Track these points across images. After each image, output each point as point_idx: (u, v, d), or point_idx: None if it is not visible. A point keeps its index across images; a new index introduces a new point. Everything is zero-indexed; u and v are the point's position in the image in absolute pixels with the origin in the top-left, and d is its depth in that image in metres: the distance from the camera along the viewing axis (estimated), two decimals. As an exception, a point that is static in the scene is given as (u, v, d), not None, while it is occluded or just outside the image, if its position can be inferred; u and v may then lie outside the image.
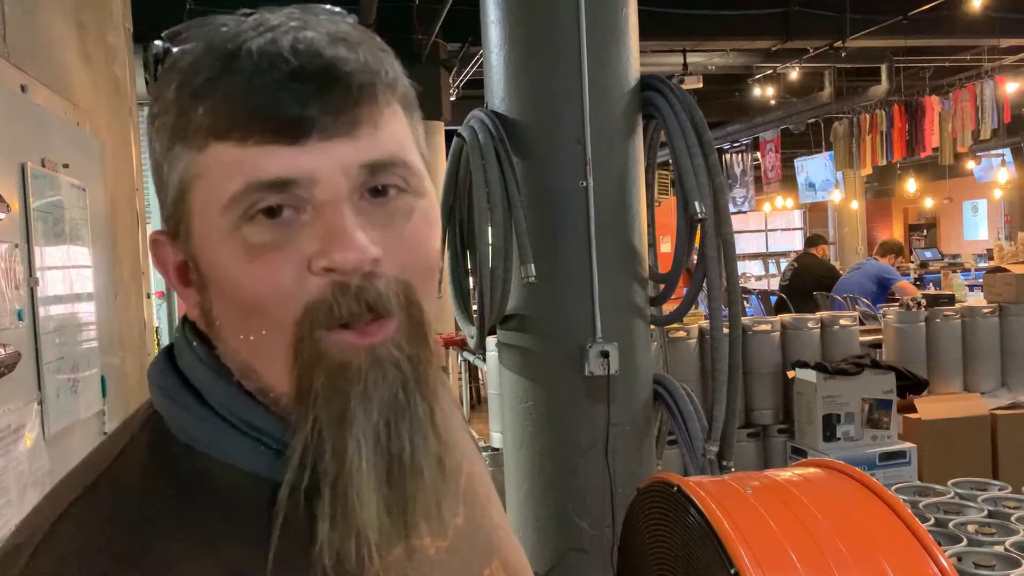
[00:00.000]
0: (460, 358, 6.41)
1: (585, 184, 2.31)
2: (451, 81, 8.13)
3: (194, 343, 0.59)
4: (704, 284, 2.38)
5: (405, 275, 0.54)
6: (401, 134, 0.57)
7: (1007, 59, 9.53)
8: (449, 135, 3.91)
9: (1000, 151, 13.40)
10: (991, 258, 10.17)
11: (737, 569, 1.29)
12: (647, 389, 2.55)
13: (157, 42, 0.56)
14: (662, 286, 2.67)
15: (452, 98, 8.19)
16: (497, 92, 2.46)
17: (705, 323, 3.98)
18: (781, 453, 4.01)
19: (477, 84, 7.97)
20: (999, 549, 2.26)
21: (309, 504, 0.54)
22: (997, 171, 13.86)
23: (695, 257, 2.47)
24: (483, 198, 2.37)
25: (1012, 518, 2.50)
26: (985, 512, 2.57)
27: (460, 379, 6.81)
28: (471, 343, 2.73)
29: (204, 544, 0.53)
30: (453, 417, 0.66)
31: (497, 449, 3.73)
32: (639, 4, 2.51)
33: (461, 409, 0.64)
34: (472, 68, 7.96)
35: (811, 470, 1.57)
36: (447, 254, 2.76)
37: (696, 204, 2.26)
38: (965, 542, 2.32)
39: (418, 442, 0.54)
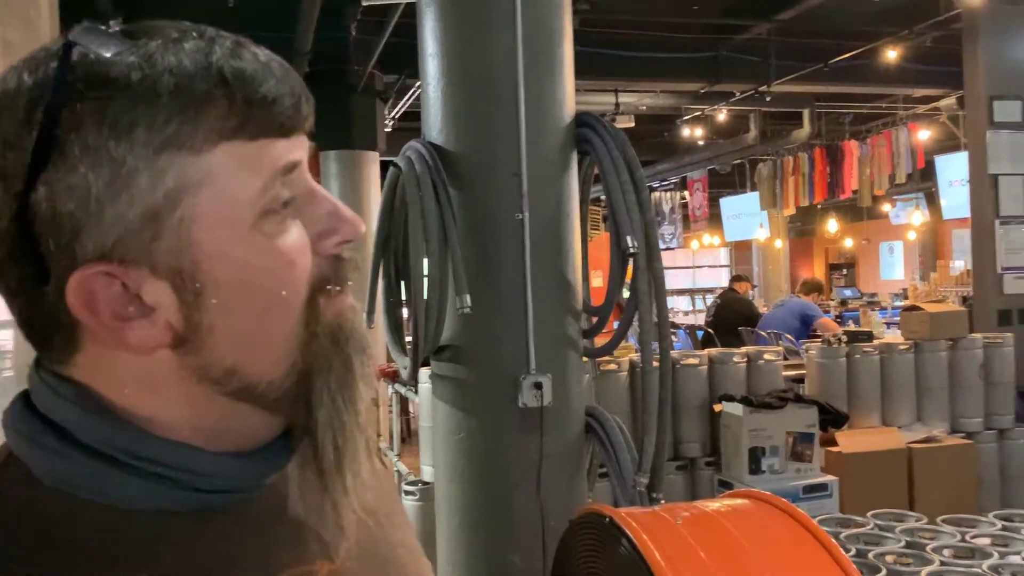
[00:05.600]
0: (391, 390, 6.34)
1: (521, 217, 2.33)
2: (386, 112, 8.14)
3: (57, 383, 0.55)
4: (635, 317, 2.42)
5: None
6: None
7: (919, 108, 10.03)
8: (384, 165, 3.91)
9: (914, 195, 14.06)
10: (906, 297, 10.60)
11: (668, 599, 1.30)
12: (579, 421, 2.56)
13: (105, 53, 0.51)
14: (594, 319, 2.70)
15: (387, 129, 8.19)
16: (434, 124, 2.47)
17: (635, 356, 4.04)
18: (708, 485, 4.07)
19: (413, 116, 8.00)
20: (916, 578, 2.34)
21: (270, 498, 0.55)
22: (911, 214, 14.52)
23: (627, 291, 2.51)
24: (419, 229, 2.37)
25: (928, 548, 2.59)
26: (903, 543, 2.65)
27: (391, 412, 6.72)
28: (404, 374, 2.71)
29: None
30: None
31: (428, 483, 3.68)
32: (574, 44, 2.56)
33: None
34: (408, 100, 7.99)
35: (740, 501, 1.60)
36: (381, 284, 2.75)
37: (628, 239, 2.30)
38: (884, 572, 2.39)
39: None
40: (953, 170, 10.25)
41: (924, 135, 9.97)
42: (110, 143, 0.49)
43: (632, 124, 8.83)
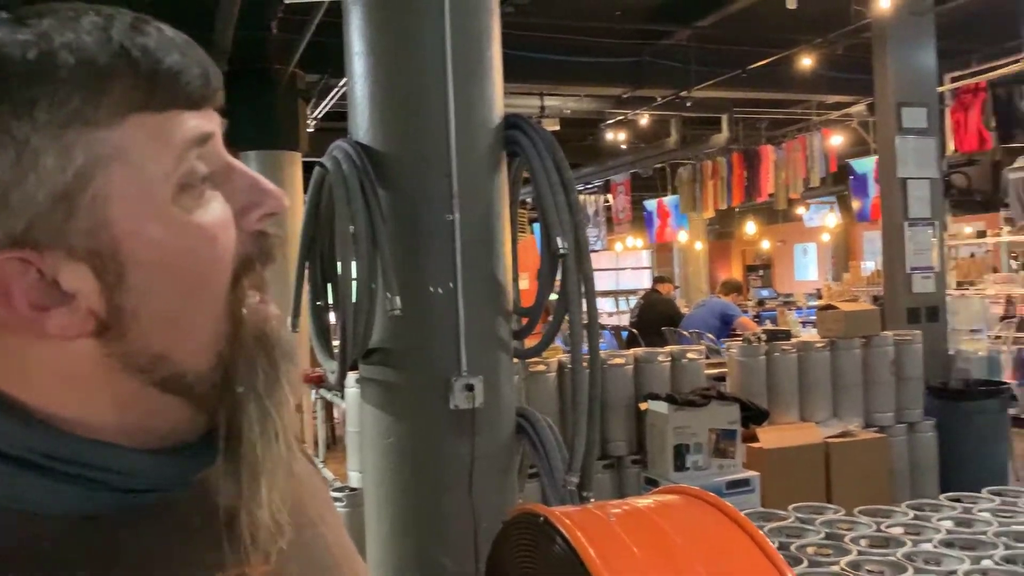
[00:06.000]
0: (316, 396, 6.23)
1: (451, 218, 2.32)
2: (309, 112, 8.00)
3: None
4: (566, 318, 2.43)
5: None
6: None
7: (832, 114, 10.41)
8: (307, 167, 3.84)
9: (827, 198, 14.58)
10: (820, 297, 10.97)
11: (603, 597, 1.31)
12: (511, 422, 2.56)
13: None
14: (524, 320, 2.71)
15: (310, 129, 8.06)
16: (361, 124, 2.44)
17: (564, 357, 4.07)
18: (635, 483, 4.13)
19: (337, 116, 7.89)
20: (835, 568, 2.42)
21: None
22: (825, 216, 15.05)
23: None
24: (347, 230, 2.33)
25: (846, 539, 2.68)
26: (822, 534, 2.74)
27: (315, 418, 6.61)
28: (331, 379, 2.66)
29: None
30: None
31: (356, 489, 3.63)
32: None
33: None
34: (332, 100, 7.87)
35: (670, 497, 1.62)
36: (307, 287, 2.70)
37: (558, 240, 2.31)
38: (806, 563, 2.47)
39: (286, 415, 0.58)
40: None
41: (837, 140, 10.36)
42: (11, 123, 0.48)
43: (557, 127, 8.90)
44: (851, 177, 10.95)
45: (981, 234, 8.65)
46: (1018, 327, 7.81)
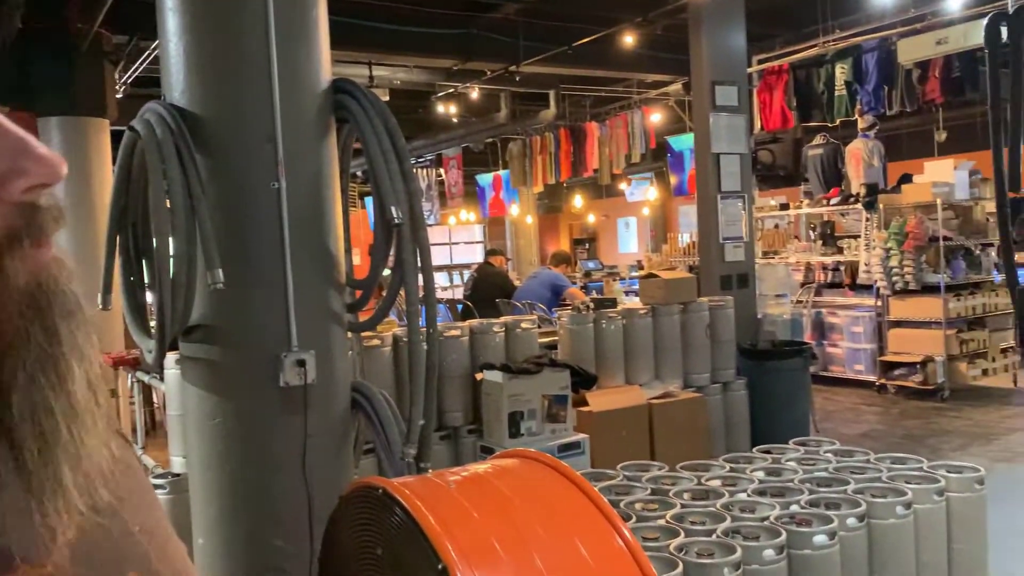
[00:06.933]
0: (132, 379, 5.83)
1: (277, 185, 2.21)
2: (118, 76, 7.40)
3: None
4: (402, 288, 2.39)
5: None
6: None
7: (652, 92, 10.87)
8: (117, 135, 3.55)
9: (647, 174, 15.25)
10: (641, 267, 11.49)
11: (444, 564, 1.30)
12: (345, 397, 2.50)
13: None
14: (358, 293, 2.65)
15: (119, 95, 7.46)
16: (176, 84, 2.28)
17: (399, 330, 4.03)
18: (471, 452, 4.17)
19: (150, 82, 7.35)
20: (661, 522, 2.55)
21: None
22: (646, 191, 15.76)
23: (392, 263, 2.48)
24: (162, 199, 2.18)
25: (670, 493, 2.83)
26: (649, 490, 2.88)
27: (133, 403, 6.19)
28: (149, 359, 2.49)
29: None
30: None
31: (179, 474, 3.43)
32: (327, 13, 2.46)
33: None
34: (143, 63, 7.32)
35: (508, 460, 1.64)
36: (119, 261, 2.50)
37: (393, 209, 2.27)
38: (635, 519, 2.59)
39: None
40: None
41: (656, 118, 10.84)
42: None
43: (387, 98, 8.74)
44: (668, 154, 11.52)
45: (784, 207, 9.35)
46: (816, 292, 8.55)
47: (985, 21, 4.85)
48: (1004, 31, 4.71)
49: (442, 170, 14.16)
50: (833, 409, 7.15)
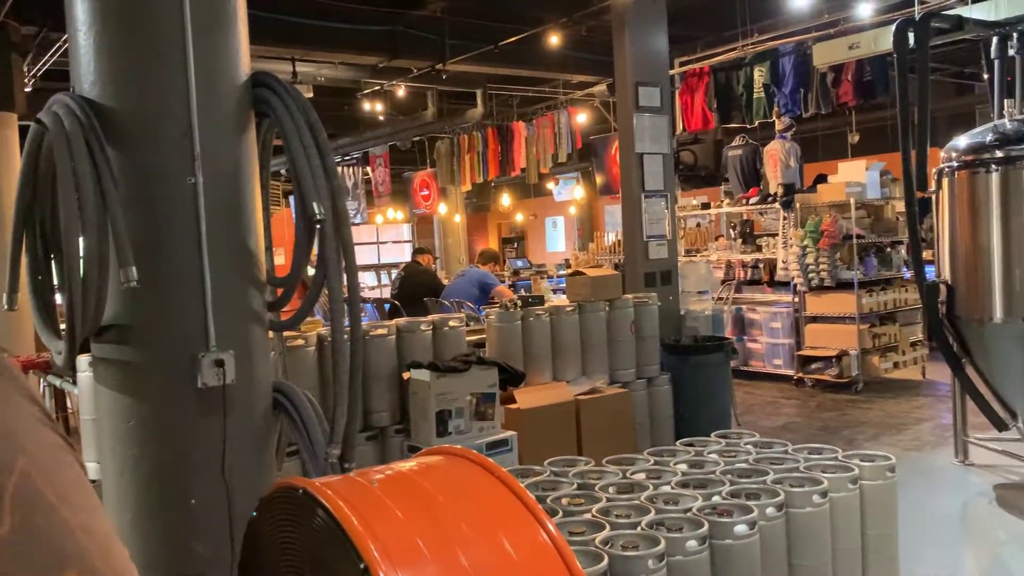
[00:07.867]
0: (43, 384, 5.60)
1: (194, 181, 2.15)
2: (26, 69, 7.09)
3: None
4: (324, 286, 2.35)
5: None
6: None
7: (577, 93, 10.97)
8: (25, 130, 3.40)
9: (573, 174, 15.39)
10: (569, 266, 11.60)
11: (366, 563, 1.28)
12: (266, 398, 2.45)
13: None
14: (280, 291, 2.59)
15: (28, 88, 7.15)
16: (87, 75, 2.19)
17: (323, 330, 3.97)
18: (398, 453, 4.14)
19: (61, 75, 7.06)
20: (587, 516, 2.57)
21: None
22: (572, 191, 15.90)
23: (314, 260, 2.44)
24: (72, 195, 2.09)
25: (596, 488, 2.86)
26: (575, 485, 2.91)
27: (43, 408, 5.93)
28: (59, 361, 2.39)
29: None
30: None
31: (95, 480, 3.31)
32: (247, 7, 2.40)
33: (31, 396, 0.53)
34: (53, 56, 7.02)
35: (433, 458, 1.63)
36: (25, 260, 2.39)
37: (315, 205, 2.22)
38: (561, 514, 2.60)
39: None
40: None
41: (582, 118, 10.95)
42: None
43: (311, 95, 8.60)
44: (592, 156, 11.66)
45: (705, 206, 9.56)
46: (736, 288, 8.76)
47: (893, 27, 5.06)
48: (911, 37, 4.92)
49: (369, 168, 14.01)
50: (753, 402, 7.35)
